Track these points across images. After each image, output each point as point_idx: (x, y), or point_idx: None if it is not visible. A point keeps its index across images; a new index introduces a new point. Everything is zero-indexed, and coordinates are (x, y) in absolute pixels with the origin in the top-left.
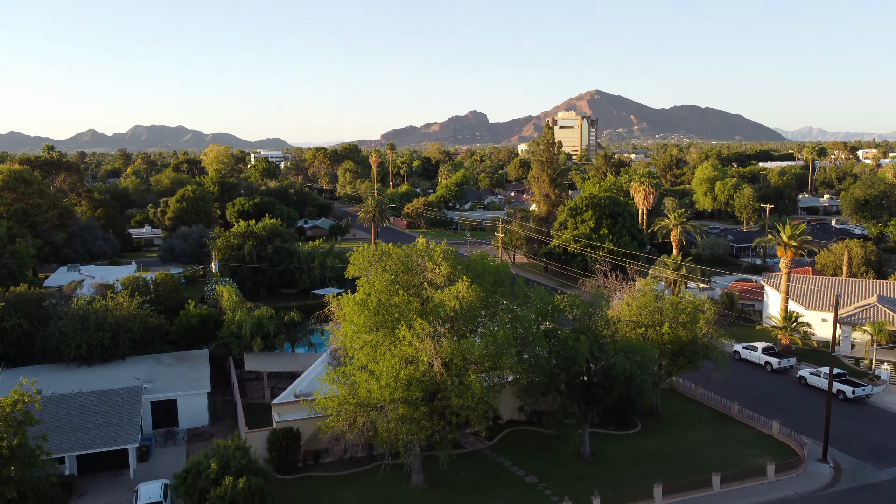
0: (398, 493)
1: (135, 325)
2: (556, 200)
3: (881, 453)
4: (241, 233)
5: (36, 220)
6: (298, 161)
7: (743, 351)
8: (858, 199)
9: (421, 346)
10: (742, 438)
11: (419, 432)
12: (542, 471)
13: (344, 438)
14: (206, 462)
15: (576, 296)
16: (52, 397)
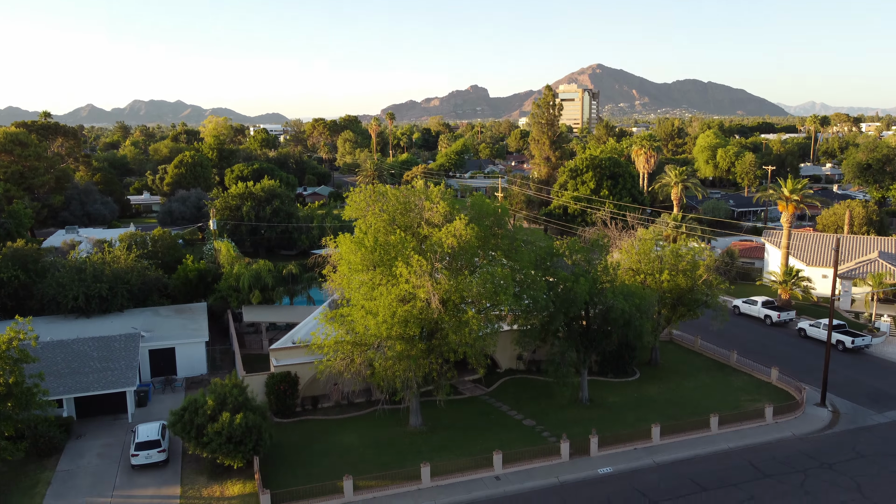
0: (396, 435)
1: (132, 277)
2: (557, 163)
3: (880, 399)
4: (240, 194)
5: (33, 184)
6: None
7: (742, 305)
8: (861, 163)
9: (418, 283)
10: (741, 385)
11: (416, 370)
12: (541, 415)
13: (342, 382)
14: (203, 399)
15: (575, 241)
16: (49, 343)
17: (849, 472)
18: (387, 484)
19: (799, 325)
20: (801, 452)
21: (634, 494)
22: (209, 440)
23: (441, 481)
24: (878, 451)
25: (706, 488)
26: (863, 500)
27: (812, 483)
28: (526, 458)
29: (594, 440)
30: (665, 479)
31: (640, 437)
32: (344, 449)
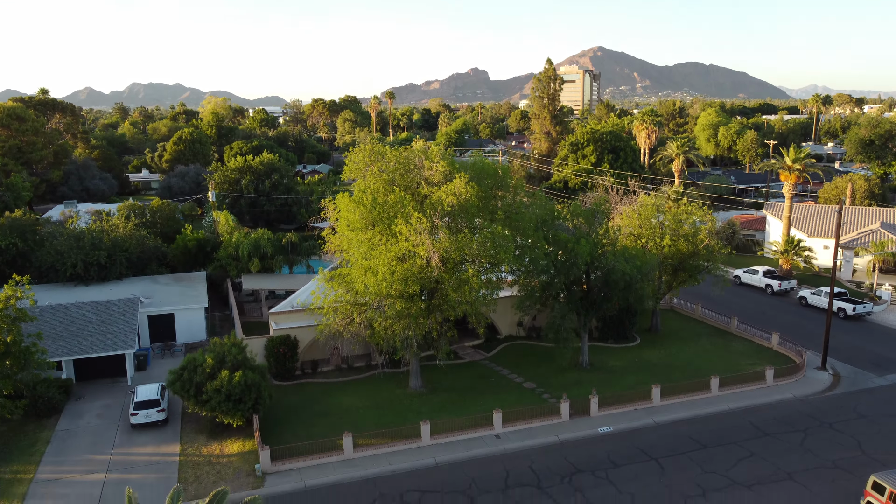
0: (396, 397)
1: (131, 245)
2: (557, 138)
3: (881, 363)
4: (238, 167)
5: (31, 158)
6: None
7: (743, 275)
8: (863, 139)
9: (418, 241)
10: (741, 350)
11: (416, 328)
12: (541, 378)
13: (342, 346)
14: (202, 358)
15: (577, 205)
16: (47, 307)
17: (849, 430)
18: (387, 442)
19: (800, 293)
20: (802, 413)
21: (635, 452)
22: (208, 398)
23: (441, 439)
24: (880, 411)
25: (706, 446)
26: (863, 457)
27: (812, 441)
28: (526, 417)
29: (594, 400)
30: (665, 438)
31: (640, 397)
32: (343, 410)
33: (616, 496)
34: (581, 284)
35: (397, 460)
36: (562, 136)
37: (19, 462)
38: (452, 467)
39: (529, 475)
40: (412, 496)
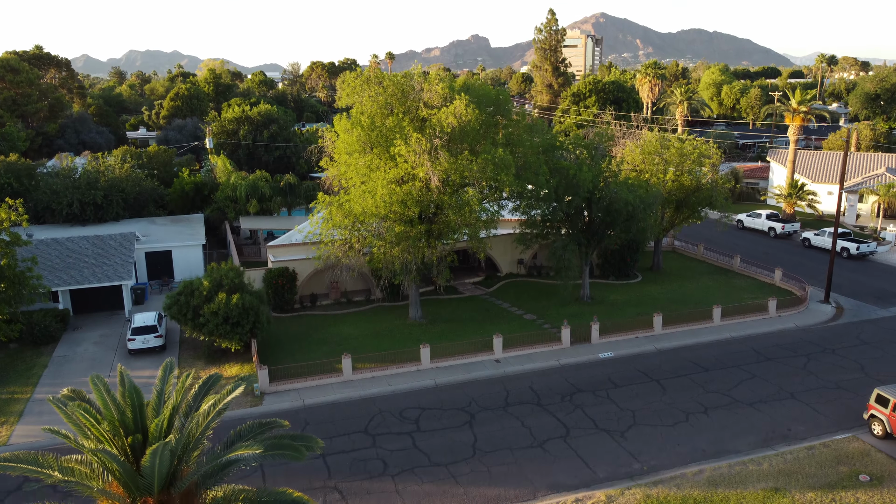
0: (396, 326)
1: (128, 186)
2: (559, 90)
3: (884, 297)
4: (236, 118)
5: (26, 111)
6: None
7: (746, 219)
8: (869, 92)
9: (417, 162)
10: (743, 286)
11: (415, 252)
12: (541, 310)
13: (341, 280)
14: (199, 282)
15: (578, 136)
16: (44, 240)
17: (852, 355)
18: (386, 365)
19: (803, 235)
20: (804, 340)
21: (636, 374)
22: (206, 321)
23: (440, 363)
24: (883, 338)
25: (708, 369)
26: (866, 378)
27: (815, 365)
28: (526, 342)
29: (595, 327)
30: (667, 362)
31: (641, 325)
32: (343, 338)
33: (617, 413)
34: (582, 215)
35: (396, 382)
36: (563, 88)
37: (17, 384)
38: (452, 388)
39: (529, 394)
40: (411, 413)
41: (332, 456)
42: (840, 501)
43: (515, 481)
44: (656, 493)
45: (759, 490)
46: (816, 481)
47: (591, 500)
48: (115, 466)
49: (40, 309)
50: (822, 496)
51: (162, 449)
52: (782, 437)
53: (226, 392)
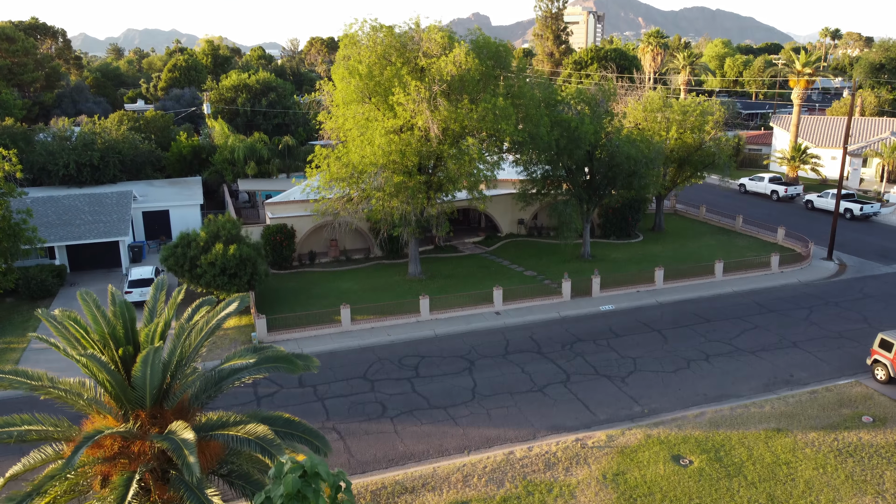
0: (395, 282)
1: (125, 148)
2: (560, 58)
3: (888, 255)
4: (234, 86)
5: (22, 80)
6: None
7: (749, 183)
8: (874, 63)
9: (416, 110)
10: (746, 245)
11: (414, 203)
12: (542, 267)
13: (340, 238)
14: (196, 233)
15: (580, 90)
16: (39, 198)
17: (855, 308)
18: (385, 316)
19: (806, 197)
20: (807, 294)
21: (637, 324)
22: (203, 272)
23: (440, 315)
24: (886, 292)
25: (710, 320)
26: (869, 328)
27: (817, 316)
28: (526, 295)
29: (596, 280)
30: (668, 314)
31: (642, 280)
32: (341, 293)
33: (618, 360)
34: (584, 171)
35: (395, 332)
36: (565, 57)
37: (13, 335)
38: (451, 338)
39: (529, 343)
40: (410, 360)
41: (331, 399)
42: (842, 441)
43: (515, 423)
44: (657, 433)
45: (761, 430)
46: (819, 422)
47: (591, 439)
48: (104, 376)
49: (37, 264)
50: (824, 436)
51: (153, 356)
52: (784, 382)
53: (219, 308)
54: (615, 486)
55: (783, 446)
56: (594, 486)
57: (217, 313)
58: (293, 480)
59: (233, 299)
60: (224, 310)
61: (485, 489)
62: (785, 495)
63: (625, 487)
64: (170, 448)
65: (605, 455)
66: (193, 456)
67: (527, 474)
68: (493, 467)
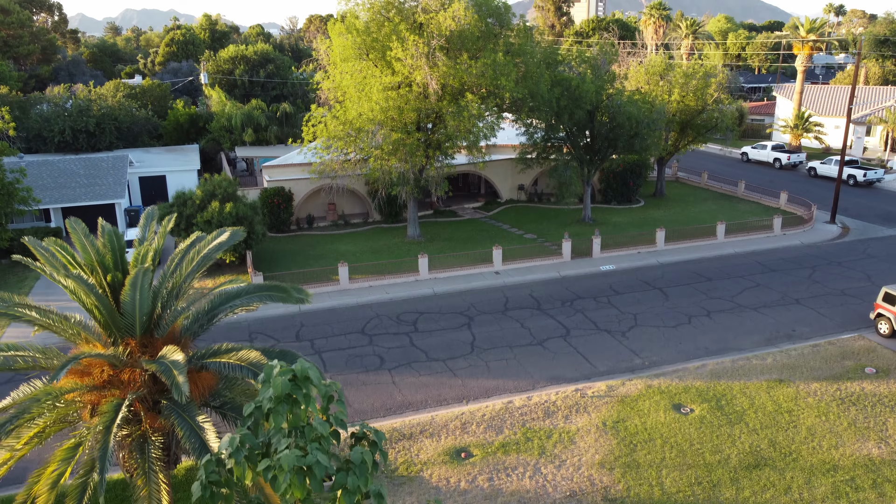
0: (394, 244)
1: (121, 114)
2: (561, 30)
3: (891, 218)
4: (231, 57)
5: (18, 53)
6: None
7: (751, 151)
8: (878, 36)
9: (414, 65)
10: (748, 209)
11: (413, 160)
12: (542, 230)
13: (339, 202)
14: (192, 192)
15: (581, 51)
16: (34, 161)
17: (858, 267)
18: (383, 275)
19: (809, 164)
20: (810, 255)
21: (638, 283)
22: (199, 230)
23: (439, 274)
24: (890, 253)
25: (711, 279)
26: (872, 286)
27: (820, 275)
28: (526, 255)
29: (597, 241)
30: (669, 273)
31: (643, 241)
32: (340, 254)
33: (618, 315)
34: (585, 132)
35: (394, 290)
36: (566, 28)
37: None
38: (450, 296)
39: (529, 300)
40: (409, 317)
41: (328, 353)
42: (845, 391)
43: (514, 374)
44: (657, 383)
45: (763, 381)
46: (821, 373)
47: (591, 389)
48: (92, 301)
49: (32, 226)
50: (826, 386)
51: (142, 278)
52: (787, 336)
53: (211, 237)
54: (615, 432)
55: (785, 395)
56: (594, 433)
57: (208, 243)
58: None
59: (224, 230)
60: (216, 239)
61: (483, 435)
62: (787, 441)
63: (625, 434)
64: (159, 370)
65: (605, 404)
66: (183, 376)
67: (526, 422)
68: (491, 415)
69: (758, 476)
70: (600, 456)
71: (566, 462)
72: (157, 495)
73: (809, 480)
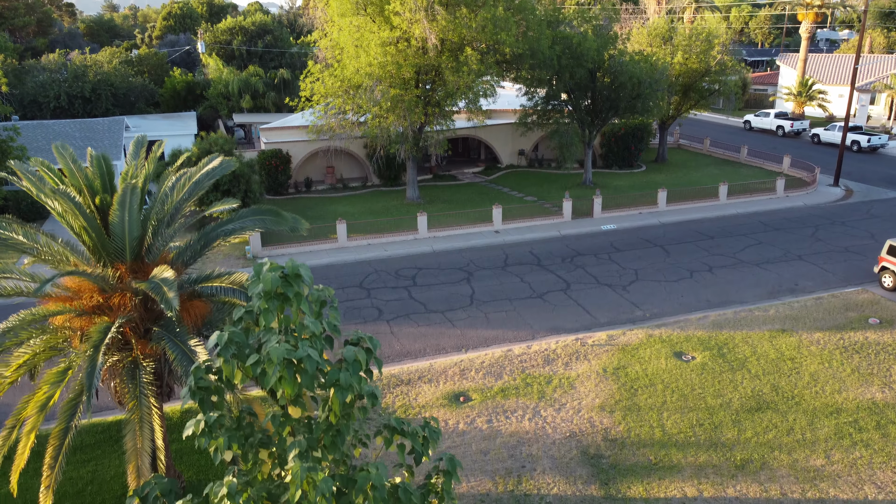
0: (393, 205)
1: (117, 80)
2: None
3: (895, 181)
4: (229, 28)
5: (14, 24)
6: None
7: (754, 119)
8: (882, 9)
9: (413, 19)
10: (750, 174)
11: (412, 117)
12: (542, 193)
13: (337, 166)
14: (188, 149)
15: (583, 9)
16: (29, 123)
17: (861, 226)
18: (381, 233)
19: (812, 131)
20: (813, 215)
21: (639, 241)
22: None
23: (438, 232)
24: (894, 213)
25: (713, 237)
26: (875, 244)
27: (824, 233)
28: (526, 214)
29: (597, 201)
30: (670, 232)
31: (645, 202)
32: (338, 215)
33: (619, 271)
34: (586, 93)
35: (392, 248)
36: None
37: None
38: (449, 253)
39: (529, 257)
40: (407, 272)
41: None
42: (848, 340)
43: (514, 325)
44: (659, 332)
45: (766, 331)
46: (824, 324)
47: (591, 338)
48: (80, 222)
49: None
50: (829, 336)
51: (130, 196)
52: (789, 290)
53: (202, 164)
54: (616, 378)
55: (788, 344)
56: (594, 379)
57: (200, 169)
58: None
59: (215, 156)
60: (206, 166)
61: (482, 381)
62: (789, 386)
63: (625, 379)
64: (148, 287)
65: (606, 352)
66: (173, 291)
67: (525, 368)
68: (490, 362)
69: (760, 418)
70: (600, 400)
71: (566, 405)
72: (149, 418)
73: (812, 422)
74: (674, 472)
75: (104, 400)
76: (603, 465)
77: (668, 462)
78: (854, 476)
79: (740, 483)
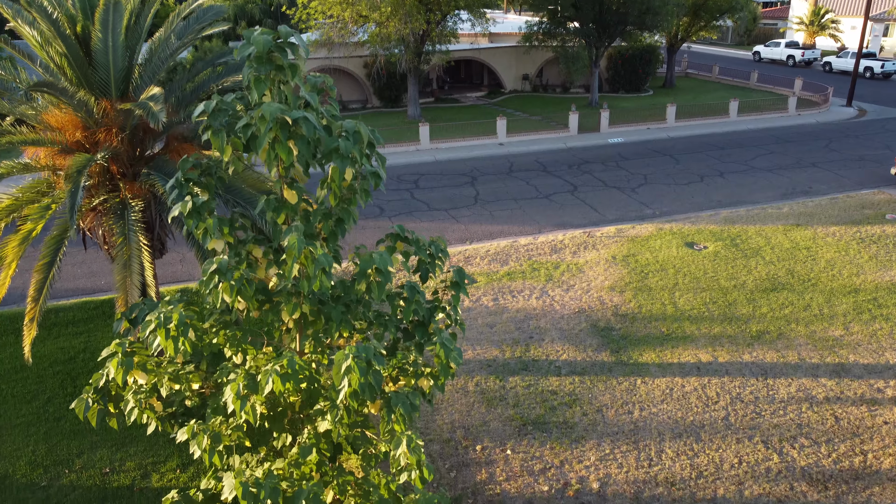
0: (394, 124)
1: None
2: None
3: None
4: None
5: None
6: None
7: (764, 49)
8: None
9: None
10: (761, 98)
11: (413, 23)
12: (547, 114)
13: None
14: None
15: None
16: None
17: (876, 138)
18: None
19: (824, 60)
20: (827, 130)
21: (647, 151)
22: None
23: (441, 144)
24: None
25: (724, 148)
26: (890, 153)
27: (837, 144)
28: (531, 128)
29: (605, 114)
30: (680, 143)
31: (653, 117)
32: None
33: (627, 176)
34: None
35: (393, 158)
36: None
37: None
38: (452, 162)
39: (535, 165)
40: (409, 177)
41: None
42: (865, 233)
43: (520, 221)
44: (669, 226)
45: (780, 225)
46: (840, 219)
47: (599, 231)
48: (60, 47)
49: None
50: (845, 229)
51: (112, 12)
52: (803, 192)
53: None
54: (625, 264)
55: (803, 236)
56: (603, 265)
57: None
58: (265, 40)
59: None
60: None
61: (488, 266)
62: (805, 270)
63: (635, 265)
64: (133, 106)
65: (615, 242)
66: (160, 105)
67: (532, 256)
68: (496, 251)
69: (776, 297)
70: (610, 282)
71: (574, 287)
72: (138, 254)
73: (830, 300)
74: (687, 341)
75: (96, 281)
76: (614, 336)
77: (682, 333)
78: (875, 344)
79: (756, 350)
